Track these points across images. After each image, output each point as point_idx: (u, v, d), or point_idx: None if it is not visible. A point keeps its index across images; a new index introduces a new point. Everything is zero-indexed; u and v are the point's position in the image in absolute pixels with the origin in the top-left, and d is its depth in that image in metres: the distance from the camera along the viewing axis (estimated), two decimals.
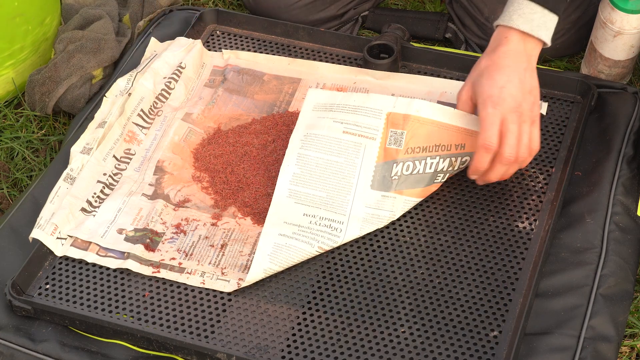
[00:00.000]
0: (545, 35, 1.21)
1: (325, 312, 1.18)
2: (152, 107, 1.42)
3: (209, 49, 1.54)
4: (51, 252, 1.25)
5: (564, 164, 1.31)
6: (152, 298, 1.21)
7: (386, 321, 1.16)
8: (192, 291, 1.21)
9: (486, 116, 1.18)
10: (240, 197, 1.31)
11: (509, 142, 1.18)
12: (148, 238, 1.26)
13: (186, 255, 1.25)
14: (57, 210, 1.27)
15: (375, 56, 1.48)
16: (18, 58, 1.56)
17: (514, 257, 1.22)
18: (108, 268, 1.24)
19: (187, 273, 1.23)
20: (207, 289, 1.21)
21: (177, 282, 1.22)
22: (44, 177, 1.37)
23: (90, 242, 1.26)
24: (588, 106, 1.37)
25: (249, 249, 1.25)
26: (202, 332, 1.17)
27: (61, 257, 1.26)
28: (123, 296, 1.21)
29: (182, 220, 1.29)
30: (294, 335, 1.16)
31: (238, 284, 1.21)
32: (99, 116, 1.40)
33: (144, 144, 1.39)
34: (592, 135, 1.36)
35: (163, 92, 1.44)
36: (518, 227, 1.25)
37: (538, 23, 1.20)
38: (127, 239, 1.27)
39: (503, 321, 1.15)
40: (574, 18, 1.52)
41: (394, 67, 1.46)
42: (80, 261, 1.25)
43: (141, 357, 1.17)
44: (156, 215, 1.29)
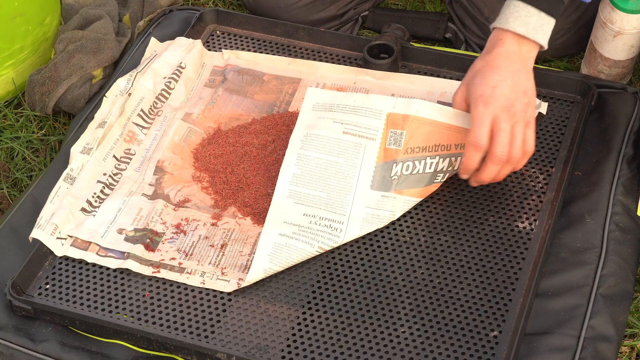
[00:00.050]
0: (541, 38, 1.20)
1: (325, 312, 1.18)
2: (152, 107, 1.42)
3: (209, 49, 1.54)
4: (51, 252, 1.25)
5: (564, 164, 1.31)
6: (152, 298, 1.21)
7: (386, 321, 1.16)
8: (192, 291, 1.21)
9: (476, 114, 1.18)
10: (240, 197, 1.31)
11: (501, 141, 1.18)
12: (148, 238, 1.26)
13: (186, 255, 1.25)
14: (57, 210, 1.27)
15: (375, 56, 1.48)
16: (18, 58, 1.56)
17: (514, 257, 1.21)
18: (108, 268, 1.24)
19: (187, 273, 1.23)
20: (207, 289, 1.21)
21: (177, 282, 1.22)
22: (44, 177, 1.37)
23: (90, 242, 1.26)
24: (588, 106, 1.37)
25: (249, 249, 1.25)
26: (202, 332, 1.17)
27: (61, 257, 1.26)
28: (123, 296, 1.21)
29: (182, 220, 1.29)
30: (294, 335, 1.16)
31: (238, 284, 1.21)
32: (99, 116, 1.40)
33: (144, 144, 1.39)
34: (592, 135, 1.36)
35: (163, 92, 1.44)
36: (518, 227, 1.25)
37: (534, 26, 1.19)
38: (127, 239, 1.27)
39: (503, 321, 1.15)
40: (574, 18, 1.52)
41: (394, 67, 1.46)
42: (80, 261, 1.25)
43: (141, 357, 1.17)
44: (156, 215, 1.29)
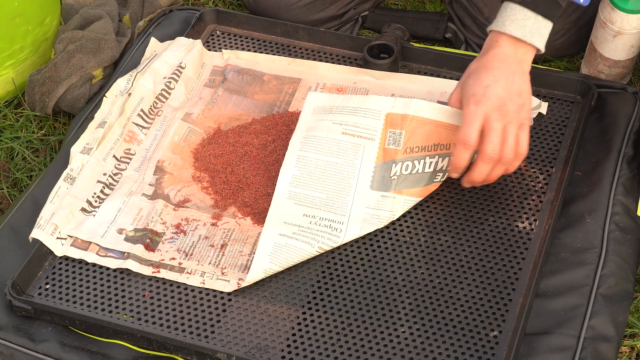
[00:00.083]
0: (538, 41, 1.20)
1: (325, 312, 1.18)
2: (152, 107, 1.42)
3: (209, 49, 1.54)
4: (51, 252, 1.25)
5: (564, 164, 1.31)
6: (152, 298, 1.21)
7: (386, 321, 1.16)
8: (192, 291, 1.21)
9: (467, 113, 1.18)
10: (240, 197, 1.31)
11: (492, 140, 1.17)
12: (148, 238, 1.26)
13: (186, 255, 1.25)
14: (57, 210, 1.27)
15: (375, 56, 1.48)
16: (18, 58, 1.56)
17: (514, 257, 1.21)
18: (108, 268, 1.24)
19: (187, 273, 1.23)
20: (207, 289, 1.21)
21: (177, 282, 1.22)
22: (44, 177, 1.37)
23: (90, 242, 1.26)
24: (588, 106, 1.37)
25: (249, 249, 1.25)
26: (202, 332, 1.17)
27: (61, 257, 1.26)
28: (123, 296, 1.21)
29: (182, 220, 1.29)
30: (294, 335, 1.16)
31: (238, 284, 1.21)
32: (99, 116, 1.40)
33: (144, 144, 1.39)
34: (592, 135, 1.36)
35: (163, 92, 1.44)
36: (518, 227, 1.25)
37: (531, 29, 1.19)
38: (127, 239, 1.27)
39: (503, 321, 1.15)
40: (574, 18, 1.52)
41: (394, 67, 1.46)
42: (80, 261, 1.25)
43: (141, 357, 1.17)
44: (156, 215, 1.29)
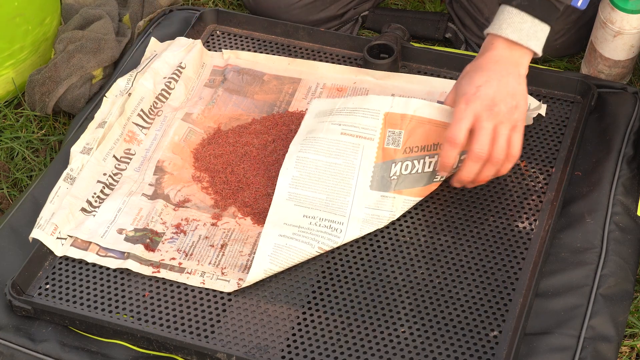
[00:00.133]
0: (535, 45, 1.20)
1: (325, 312, 1.18)
2: (152, 107, 1.42)
3: (209, 49, 1.54)
4: (51, 252, 1.25)
5: (564, 164, 1.31)
6: (152, 298, 1.21)
7: (386, 321, 1.16)
8: (192, 291, 1.21)
9: (457, 111, 1.18)
10: (240, 197, 1.31)
11: (480, 139, 1.17)
12: (148, 238, 1.26)
13: (186, 255, 1.25)
14: (57, 210, 1.27)
15: (375, 56, 1.48)
16: (18, 58, 1.56)
17: (514, 257, 1.21)
18: (108, 268, 1.24)
19: (187, 273, 1.23)
20: (207, 289, 1.21)
21: (177, 282, 1.22)
22: (44, 177, 1.37)
23: (90, 242, 1.26)
24: (588, 106, 1.37)
25: (249, 249, 1.25)
26: (202, 332, 1.17)
27: (61, 257, 1.26)
28: (123, 296, 1.21)
29: (182, 220, 1.29)
30: (294, 335, 1.16)
31: (238, 284, 1.21)
32: (99, 116, 1.40)
33: (144, 144, 1.39)
34: (592, 135, 1.36)
35: (163, 92, 1.44)
36: (518, 227, 1.25)
37: (527, 33, 1.19)
38: (127, 239, 1.27)
39: (503, 321, 1.15)
40: (574, 18, 1.52)
41: (394, 67, 1.46)
42: (80, 261, 1.25)
43: (141, 357, 1.17)
44: (156, 215, 1.29)
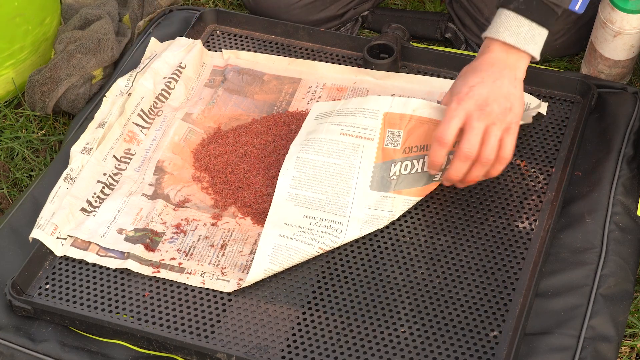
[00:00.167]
0: (532, 49, 1.19)
1: (325, 312, 1.18)
2: (152, 107, 1.42)
3: (209, 49, 1.54)
4: (51, 252, 1.25)
5: (564, 164, 1.31)
6: (152, 298, 1.21)
7: (386, 321, 1.16)
8: (192, 291, 1.21)
9: (448, 111, 1.18)
10: (240, 197, 1.31)
11: (469, 139, 1.17)
12: (148, 238, 1.26)
13: (186, 255, 1.25)
14: (57, 210, 1.27)
15: (375, 56, 1.48)
16: (18, 58, 1.56)
17: (514, 257, 1.21)
18: (108, 268, 1.24)
19: (187, 273, 1.23)
20: (207, 289, 1.21)
21: (177, 282, 1.22)
22: (44, 177, 1.37)
23: (90, 242, 1.26)
24: (588, 106, 1.37)
25: (249, 249, 1.25)
26: (202, 332, 1.17)
27: (61, 257, 1.26)
28: (123, 296, 1.21)
29: (182, 220, 1.29)
30: (294, 335, 1.16)
31: (238, 284, 1.20)
32: (99, 116, 1.40)
33: (144, 144, 1.39)
34: (592, 135, 1.36)
35: (163, 92, 1.44)
36: (518, 227, 1.25)
37: (525, 36, 1.19)
38: (127, 239, 1.27)
39: (503, 321, 1.15)
40: (574, 18, 1.52)
41: (394, 67, 1.46)
42: (80, 261, 1.25)
43: (141, 357, 1.17)
44: (156, 215, 1.29)
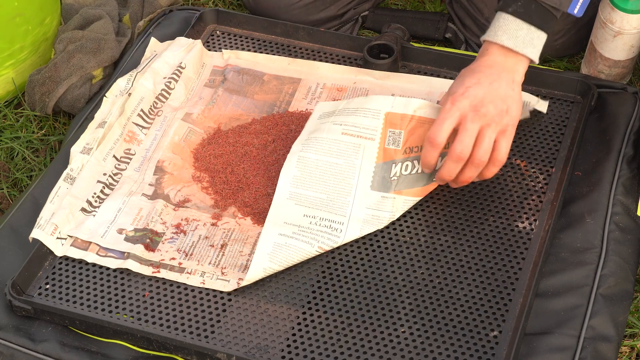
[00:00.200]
0: (531, 52, 1.19)
1: (325, 312, 1.18)
2: (152, 107, 1.42)
3: (209, 49, 1.54)
4: (51, 252, 1.25)
5: (564, 164, 1.31)
6: (152, 298, 1.21)
7: (386, 321, 1.16)
8: (192, 291, 1.21)
9: (442, 111, 1.18)
10: (240, 197, 1.31)
11: (462, 140, 1.17)
12: (148, 238, 1.26)
13: (186, 255, 1.25)
14: (57, 210, 1.27)
15: (375, 56, 1.48)
16: (18, 58, 1.56)
17: (514, 257, 1.21)
18: (108, 268, 1.24)
19: (187, 273, 1.23)
20: (207, 289, 1.21)
21: (177, 282, 1.22)
22: (44, 177, 1.37)
23: (90, 242, 1.26)
24: (588, 106, 1.37)
25: (249, 249, 1.25)
26: (202, 332, 1.17)
27: (61, 257, 1.26)
28: (123, 296, 1.21)
29: (182, 220, 1.29)
30: (294, 335, 1.16)
31: (238, 284, 1.20)
32: (99, 116, 1.40)
33: (144, 144, 1.39)
34: (592, 135, 1.36)
35: (163, 92, 1.44)
36: (518, 227, 1.25)
37: (523, 40, 1.18)
38: (127, 239, 1.27)
39: (503, 321, 1.15)
40: (574, 19, 1.52)
41: (394, 67, 1.46)
42: (80, 261, 1.25)
43: (141, 357, 1.17)
44: (156, 215, 1.29)
